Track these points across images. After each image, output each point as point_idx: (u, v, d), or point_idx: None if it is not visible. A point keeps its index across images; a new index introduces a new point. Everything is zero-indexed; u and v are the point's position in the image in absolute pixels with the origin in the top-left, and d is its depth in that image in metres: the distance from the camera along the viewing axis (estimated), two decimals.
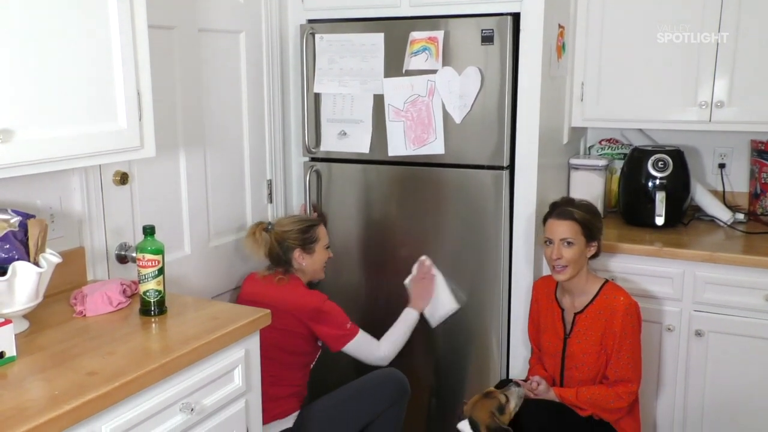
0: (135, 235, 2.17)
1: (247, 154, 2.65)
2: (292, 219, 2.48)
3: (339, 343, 2.32)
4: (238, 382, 1.77)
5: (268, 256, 2.43)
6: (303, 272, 2.42)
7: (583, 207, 2.30)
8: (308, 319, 2.28)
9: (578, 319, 2.28)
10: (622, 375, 2.20)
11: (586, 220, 2.27)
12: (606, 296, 2.25)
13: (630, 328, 2.20)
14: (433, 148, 2.56)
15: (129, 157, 1.83)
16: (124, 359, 1.52)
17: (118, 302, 1.83)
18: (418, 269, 2.59)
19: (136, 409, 1.47)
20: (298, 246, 2.39)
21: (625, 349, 2.20)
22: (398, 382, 2.40)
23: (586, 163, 2.97)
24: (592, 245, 2.29)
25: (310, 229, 2.41)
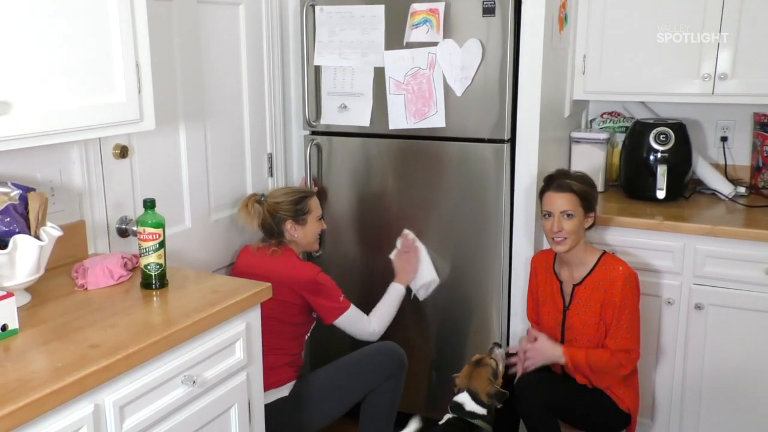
0: (135, 208, 2.17)
1: (247, 127, 2.63)
2: (284, 190, 2.48)
3: (332, 315, 2.34)
4: (240, 355, 1.78)
5: (261, 227, 2.43)
6: (296, 244, 2.43)
7: (579, 178, 2.30)
8: (303, 290, 2.29)
9: (577, 291, 2.29)
10: (622, 345, 2.22)
11: (584, 192, 2.26)
12: (605, 267, 2.26)
13: (630, 298, 2.22)
14: (434, 121, 2.54)
15: (128, 130, 1.82)
16: (126, 332, 1.52)
17: (119, 275, 1.84)
18: (402, 243, 2.61)
19: (139, 381, 1.48)
20: (290, 217, 2.39)
21: (625, 319, 2.21)
22: (396, 355, 2.42)
23: (587, 136, 2.96)
24: (589, 216, 2.29)
25: (302, 201, 2.42)
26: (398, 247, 2.63)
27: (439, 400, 2.79)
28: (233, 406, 1.78)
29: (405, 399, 2.54)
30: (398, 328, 2.70)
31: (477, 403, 2.16)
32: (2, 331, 1.48)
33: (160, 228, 1.79)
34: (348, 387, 2.35)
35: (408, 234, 2.62)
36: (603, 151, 2.95)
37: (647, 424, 2.65)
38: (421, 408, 2.83)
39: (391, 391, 2.39)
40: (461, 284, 2.65)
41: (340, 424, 2.45)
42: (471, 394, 2.18)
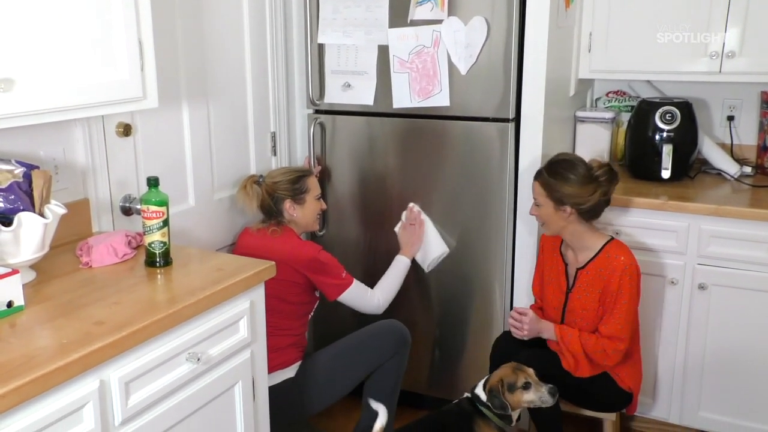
0: (139, 187, 2.18)
1: (250, 105, 2.63)
2: (282, 170, 2.49)
3: (335, 292, 2.35)
4: (244, 333, 1.79)
5: (260, 208, 2.44)
6: (295, 223, 2.43)
7: (554, 169, 2.23)
8: (305, 268, 2.30)
9: (580, 275, 2.30)
10: (611, 332, 2.22)
11: (549, 184, 2.22)
12: (608, 254, 2.25)
13: (627, 288, 2.20)
14: (438, 100, 2.53)
15: (131, 108, 1.82)
16: (130, 309, 1.53)
17: (123, 253, 1.84)
18: (407, 216, 2.62)
19: (144, 357, 1.49)
20: (288, 197, 2.40)
21: (619, 308, 2.21)
22: (399, 332, 2.43)
23: (592, 115, 2.95)
24: (562, 209, 2.22)
25: (300, 180, 2.42)
26: (403, 220, 2.63)
27: (442, 379, 2.82)
28: (237, 384, 1.79)
29: (408, 377, 2.55)
30: (401, 306, 2.71)
31: (484, 391, 2.18)
32: (8, 307, 1.49)
33: (163, 206, 1.79)
34: (352, 366, 2.37)
35: (413, 207, 2.62)
36: (608, 131, 2.94)
37: (648, 403, 2.66)
38: (424, 386, 2.85)
39: (394, 369, 2.41)
40: (465, 263, 2.66)
41: (344, 402, 2.47)
42: (485, 380, 2.20)
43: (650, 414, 2.68)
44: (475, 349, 2.68)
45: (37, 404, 1.28)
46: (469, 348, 2.73)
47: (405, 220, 2.63)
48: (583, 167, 2.22)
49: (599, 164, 2.23)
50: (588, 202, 2.20)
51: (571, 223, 2.25)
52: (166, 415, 1.56)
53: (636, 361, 2.37)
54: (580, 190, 2.19)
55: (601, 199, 2.22)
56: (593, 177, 2.20)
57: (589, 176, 2.20)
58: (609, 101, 3.14)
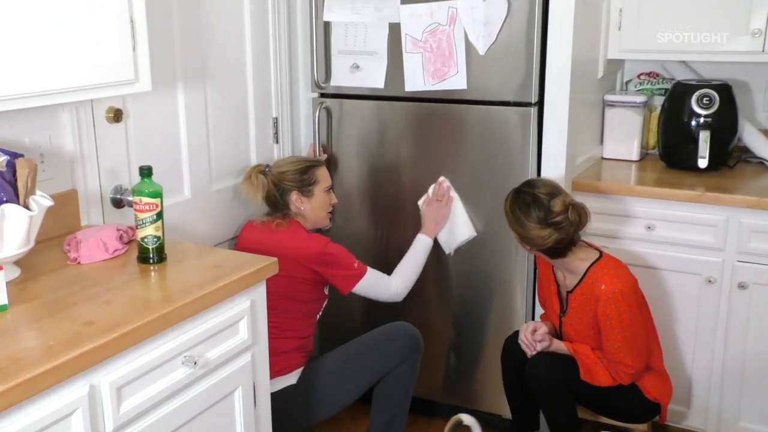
0: (131, 177, 2.18)
1: (250, 89, 2.63)
2: (290, 159, 2.49)
3: (348, 284, 2.35)
4: (244, 335, 1.79)
5: (266, 200, 2.45)
6: (303, 217, 2.44)
7: (514, 202, 2.22)
8: (313, 263, 2.30)
9: (570, 299, 2.30)
10: (613, 359, 2.22)
11: (507, 218, 2.25)
12: (591, 280, 2.23)
13: (615, 317, 2.18)
14: (454, 82, 2.53)
15: (122, 91, 1.82)
16: (122, 309, 1.54)
17: (114, 249, 1.85)
18: (435, 190, 2.60)
19: (136, 361, 1.49)
20: (295, 188, 2.40)
21: (614, 337, 2.20)
22: (410, 336, 2.43)
23: (622, 99, 2.94)
24: (523, 244, 2.26)
25: (309, 170, 2.42)
26: (429, 194, 2.61)
27: (458, 385, 2.82)
28: (237, 389, 1.80)
29: (421, 383, 2.56)
30: (414, 306, 2.72)
31: None
32: None
33: (157, 198, 1.80)
34: (359, 371, 2.37)
35: (444, 181, 2.60)
36: (640, 116, 2.92)
37: (682, 412, 2.65)
38: (438, 393, 2.85)
39: (405, 374, 2.41)
40: (483, 261, 2.65)
41: (352, 408, 2.48)
42: None
43: (684, 424, 2.67)
44: (492, 353, 2.67)
45: (22, 411, 1.29)
46: (486, 352, 2.73)
47: (432, 194, 2.61)
48: (541, 208, 2.17)
49: (560, 208, 2.17)
50: (545, 245, 2.20)
51: (540, 255, 2.27)
52: (160, 422, 1.57)
53: (660, 372, 2.36)
54: (534, 233, 2.19)
55: (557, 245, 2.19)
56: (549, 222, 2.17)
57: (545, 221, 2.17)
58: (641, 84, 3.12)
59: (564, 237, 2.17)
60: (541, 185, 2.24)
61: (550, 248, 2.20)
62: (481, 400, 2.79)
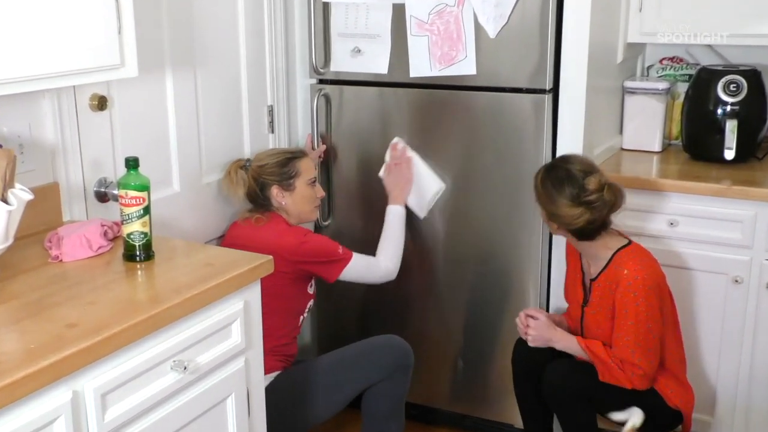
0: (116, 169, 2.18)
1: (244, 75, 2.63)
2: (270, 152, 2.52)
3: (334, 271, 2.38)
4: (237, 338, 1.80)
5: (247, 196, 2.47)
6: (286, 212, 2.46)
7: (546, 177, 2.24)
8: (293, 254, 2.32)
9: (593, 287, 2.31)
10: (621, 356, 2.22)
11: (537, 193, 2.27)
12: (616, 266, 2.24)
13: (631, 306, 2.18)
14: (463, 67, 2.52)
15: (107, 77, 1.82)
16: (107, 310, 1.54)
17: (98, 246, 1.85)
18: (391, 155, 2.62)
19: (122, 366, 1.50)
20: (275, 182, 2.42)
21: (625, 330, 2.20)
22: (398, 351, 2.41)
23: (643, 86, 2.93)
24: (551, 223, 2.27)
25: (289, 162, 2.44)
26: (387, 161, 2.62)
27: (465, 392, 2.82)
28: (230, 396, 1.80)
29: (426, 391, 2.56)
30: (417, 309, 2.72)
31: None
32: None
33: (144, 191, 1.80)
34: (337, 384, 2.36)
35: (397, 142, 2.62)
36: (662, 104, 2.92)
37: (706, 422, 2.65)
38: (445, 401, 2.86)
39: (389, 393, 2.39)
40: (493, 258, 2.66)
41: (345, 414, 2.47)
42: None
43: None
44: (503, 357, 2.67)
45: (1, 419, 1.29)
46: (496, 356, 2.73)
47: (390, 160, 2.62)
48: (575, 185, 2.18)
49: (595, 187, 2.17)
50: (574, 225, 2.21)
51: (567, 237, 2.28)
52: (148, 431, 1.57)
53: (682, 381, 2.36)
54: (564, 210, 2.19)
55: (590, 224, 2.20)
56: (581, 201, 2.17)
57: (578, 198, 2.18)
58: (663, 69, 3.11)
59: (596, 218, 2.18)
60: (576, 161, 2.25)
61: (579, 229, 2.21)
62: (490, 408, 2.79)
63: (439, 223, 2.72)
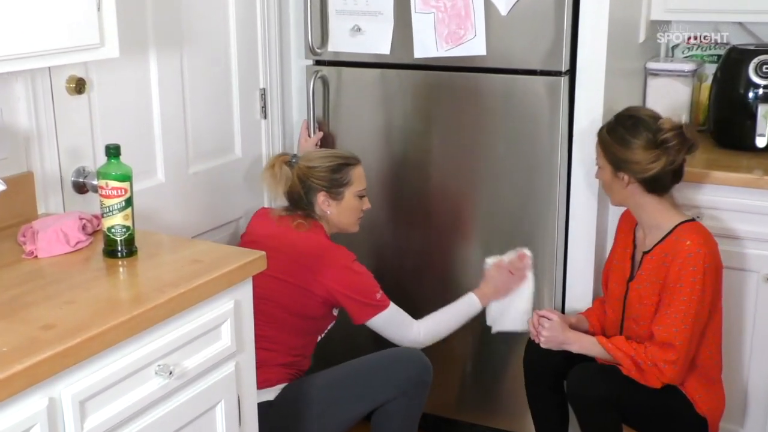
0: (96, 157, 2.18)
1: (234, 55, 2.63)
2: (323, 153, 2.48)
3: (364, 313, 2.34)
4: (227, 341, 1.80)
5: (287, 195, 2.44)
6: (327, 221, 2.44)
7: (614, 126, 2.28)
8: (331, 279, 2.30)
9: (645, 260, 2.31)
10: (663, 336, 2.21)
11: (606, 144, 2.29)
12: (677, 237, 2.25)
13: (687, 280, 2.18)
14: (472, 47, 2.52)
15: (86, 57, 1.82)
16: (86, 310, 1.54)
17: (76, 241, 1.85)
18: (511, 260, 2.53)
19: (103, 370, 1.50)
20: (323, 188, 2.40)
21: (675, 304, 2.20)
22: (417, 365, 2.37)
23: (668, 67, 2.93)
24: (619, 176, 2.27)
25: (343, 169, 2.41)
26: (503, 259, 2.54)
27: (476, 400, 2.83)
28: (219, 403, 1.80)
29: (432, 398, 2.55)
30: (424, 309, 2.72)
31: None
32: None
33: (126, 182, 1.80)
34: (347, 399, 2.35)
35: (526, 254, 2.52)
36: (688, 87, 2.92)
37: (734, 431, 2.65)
38: (451, 409, 2.86)
39: (403, 412, 2.35)
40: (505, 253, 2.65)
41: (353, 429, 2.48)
42: None
43: None
44: (515, 362, 2.68)
45: None
46: (507, 360, 2.74)
47: (507, 261, 2.53)
48: (649, 128, 2.23)
49: (671, 126, 2.23)
50: (649, 171, 2.22)
51: (633, 194, 2.28)
52: None
53: (716, 381, 2.36)
54: (639, 155, 2.22)
55: (666, 168, 2.23)
56: (658, 141, 2.21)
57: (653, 140, 2.22)
58: (689, 49, 3.11)
59: (673, 160, 2.22)
60: (641, 109, 2.38)
61: (653, 177, 2.23)
62: (501, 416, 2.80)
63: (446, 219, 2.71)
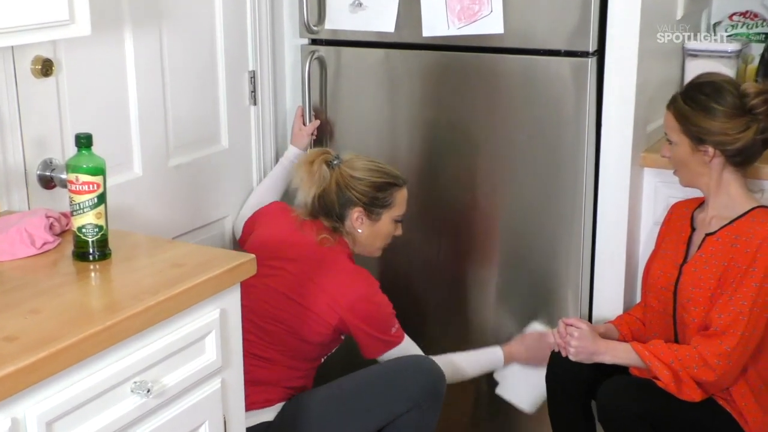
0: (64, 148, 2.18)
1: (220, 34, 2.64)
2: (369, 164, 2.44)
3: (377, 349, 2.37)
4: (212, 355, 1.79)
5: (318, 199, 2.40)
6: (354, 240, 2.44)
7: (693, 94, 2.29)
8: (346, 309, 2.30)
9: (707, 241, 2.33)
10: (722, 324, 2.21)
11: (685, 114, 2.28)
12: (753, 219, 2.27)
13: (762, 266, 2.20)
14: (487, 25, 2.53)
15: (53, 35, 1.81)
16: (53, 320, 1.54)
17: (42, 242, 1.85)
18: (559, 333, 2.46)
19: (72, 388, 1.49)
20: (362, 204, 2.39)
21: (743, 290, 2.21)
22: (429, 376, 2.38)
23: (709, 47, 2.93)
24: (702, 149, 2.27)
25: (388, 188, 2.42)
26: (548, 332, 2.54)
27: (491, 419, 2.82)
28: (203, 425, 1.80)
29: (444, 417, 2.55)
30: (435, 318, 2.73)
31: None
32: None
33: (99, 175, 1.80)
34: (354, 415, 2.35)
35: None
36: (731, 69, 2.91)
37: None
38: (465, 429, 2.86)
39: (415, 425, 2.37)
40: (525, 259, 2.67)
41: None
42: None
43: None
44: None
45: None
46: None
47: (554, 335, 2.47)
48: (734, 93, 2.26)
49: (757, 90, 2.25)
50: (737, 142, 2.24)
51: (712, 171, 2.30)
52: None
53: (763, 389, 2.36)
54: (726, 124, 2.24)
55: (756, 137, 2.25)
56: (746, 108, 2.23)
57: (741, 106, 2.24)
58: (733, 27, 3.11)
59: (765, 128, 2.24)
60: (715, 75, 2.38)
61: (742, 148, 2.25)
62: None
63: (459, 219, 2.71)
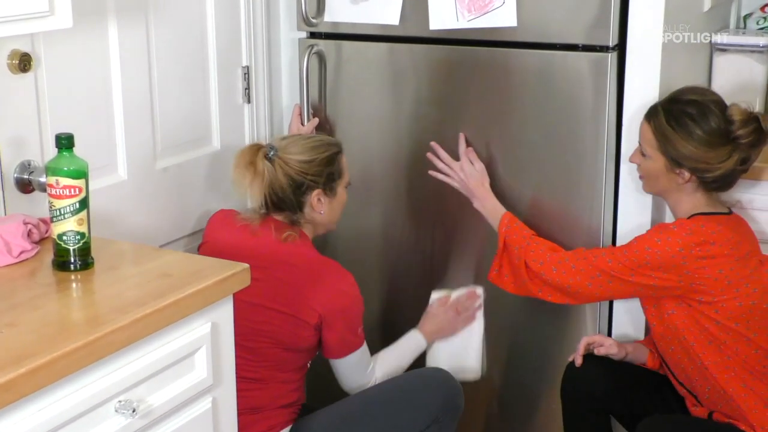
0: (44, 149, 2.18)
1: (212, 27, 2.64)
2: (309, 142, 2.40)
3: (341, 349, 2.36)
4: (203, 372, 1.80)
5: (268, 197, 2.36)
6: (313, 224, 2.43)
7: (675, 112, 2.26)
8: (321, 304, 2.29)
9: None
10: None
11: (665, 134, 2.26)
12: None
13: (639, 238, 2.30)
14: (500, 17, 2.53)
15: (32, 27, 1.81)
16: (31, 334, 1.54)
17: (20, 250, 1.85)
18: (459, 298, 2.62)
19: (52, 407, 1.49)
20: (320, 185, 2.37)
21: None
22: (446, 389, 2.40)
23: (738, 41, 2.94)
24: (677, 172, 2.27)
25: (336, 158, 2.41)
26: (449, 296, 2.63)
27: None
28: None
29: None
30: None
31: None
32: None
33: (81, 179, 1.80)
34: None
35: (478, 293, 2.63)
36: (762, 64, 2.92)
37: None
38: None
39: None
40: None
41: None
42: None
43: None
44: (550, 394, 2.68)
45: None
46: (543, 390, 2.75)
47: (454, 298, 2.61)
48: (719, 117, 2.23)
49: (743, 118, 2.22)
50: (717, 171, 2.23)
51: (683, 191, 2.30)
52: None
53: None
54: (708, 153, 2.22)
55: (736, 168, 2.24)
56: (731, 136, 2.21)
57: (725, 133, 2.21)
58: (764, 20, 3.11)
59: (746, 158, 2.24)
60: (704, 92, 2.36)
61: (721, 176, 2.25)
62: None
63: (469, 224, 2.71)
